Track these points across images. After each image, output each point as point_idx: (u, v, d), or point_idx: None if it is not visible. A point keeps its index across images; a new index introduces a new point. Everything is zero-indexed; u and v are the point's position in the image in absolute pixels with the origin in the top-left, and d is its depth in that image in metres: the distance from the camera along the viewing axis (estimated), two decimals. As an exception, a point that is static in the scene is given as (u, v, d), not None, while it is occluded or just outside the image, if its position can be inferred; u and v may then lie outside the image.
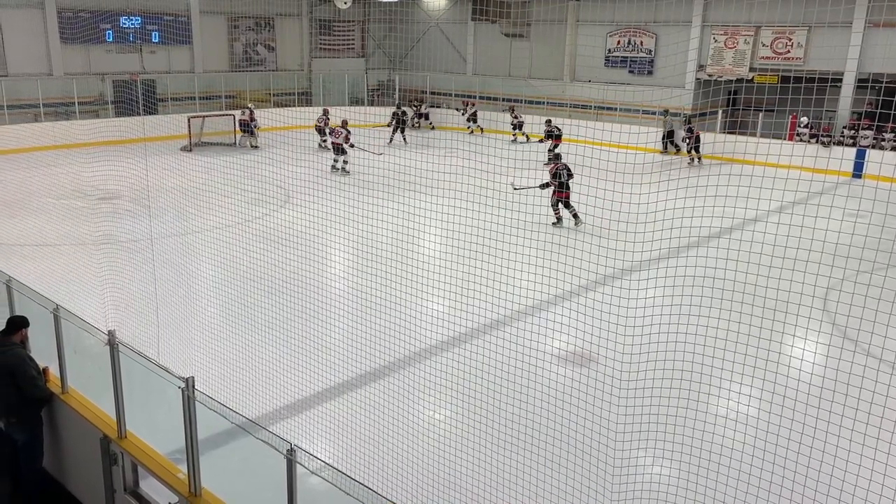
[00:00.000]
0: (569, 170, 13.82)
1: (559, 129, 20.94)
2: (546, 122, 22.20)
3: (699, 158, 21.65)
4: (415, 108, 28.17)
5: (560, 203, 13.75)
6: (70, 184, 16.15)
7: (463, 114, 26.82)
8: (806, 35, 22.48)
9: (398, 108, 26.03)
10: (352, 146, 18.93)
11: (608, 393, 6.38)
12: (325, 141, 22.06)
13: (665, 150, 24.06)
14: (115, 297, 8.57)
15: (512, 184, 13.14)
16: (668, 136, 24.04)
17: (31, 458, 6.10)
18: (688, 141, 21.95)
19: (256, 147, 22.57)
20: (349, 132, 19.32)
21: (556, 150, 16.46)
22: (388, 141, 24.03)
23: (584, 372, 7.64)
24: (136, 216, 13.49)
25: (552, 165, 14.51)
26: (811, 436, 5.52)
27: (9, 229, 13.32)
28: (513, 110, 25.98)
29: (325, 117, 22.81)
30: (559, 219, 13.70)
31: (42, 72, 23.42)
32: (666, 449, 6.16)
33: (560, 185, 13.42)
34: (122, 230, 12.62)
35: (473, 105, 27.37)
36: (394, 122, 25.02)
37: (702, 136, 21.85)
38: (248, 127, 22.83)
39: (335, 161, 19.52)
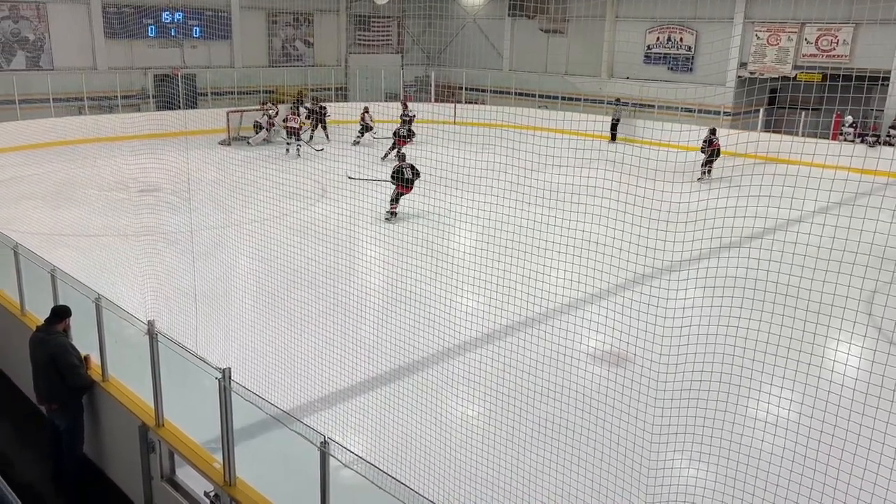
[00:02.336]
0: (414, 169, 14.42)
1: (407, 132, 20.54)
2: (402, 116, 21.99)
3: (708, 172, 19.08)
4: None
5: (400, 197, 14.53)
6: (112, 176, 16.47)
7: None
8: (852, 32, 21.91)
9: (315, 102, 24.40)
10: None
11: (644, 394, 6.30)
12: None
13: (613, 140, 24.08)
14: (154, 287, 8.71)
15: (347, 173, 14.96)
16: (614, 126, 24.42)
17: (72, 443, 6.24)
18: (704, 151, 19.28)
19: (250, 143, 22.45)
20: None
21: (402, 152, 16.00)
22: (308, 138, 22.67)
23: (620, 372, 7.55)
24: (175, 208, 13.71)
25: (397, 163, 15.05)
26: (854, 443, 5.37)
27: (53, 220, 13.64)
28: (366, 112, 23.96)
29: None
30: (393, 213, 14.48)
31: (86, 66, 23.93)
32: (703, 452, 6.05)
33: (404, 181, 14.27)
34: (162, 222, 12.83)
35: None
36: (311, 120, 23.21)
37: (721, 149, 19.06)
38: (259, 126, 22.84)
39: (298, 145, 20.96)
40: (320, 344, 7.99)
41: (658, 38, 26.39)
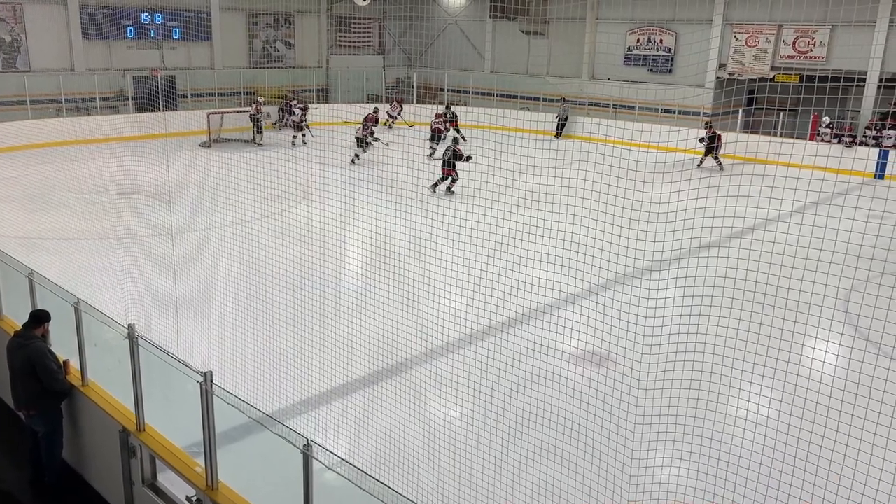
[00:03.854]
0: (457, 154, 16.58)
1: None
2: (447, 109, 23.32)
3: (720, 164, 20.70)
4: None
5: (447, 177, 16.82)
6: (91, 179, 16.30)
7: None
8: (828, 34, 22.20)
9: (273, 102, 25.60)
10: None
11: (625, 393, 6.34)
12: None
13: (558, 136, 25.11)
14: (134, 291, 8.64)
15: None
16: (561, 123, 25.50)
17: (51, 449, 6.17)
18: (704, 142, 20.72)
19: (261, 145, 22.49)
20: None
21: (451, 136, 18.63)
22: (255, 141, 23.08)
23: (601, 371, 7.60)
24: (155, 211, 13.59)
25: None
26: (832, 439, 5.46)
27: (31, 223, 13.48)
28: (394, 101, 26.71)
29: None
30: (436, 186, 16.72)
31: (64, 67, 23.66)
32: (683, 450, 6.11)
33: (445, 163, 16.70)
34: (142, 225, 12.72)
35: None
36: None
37: (722, 137, 20.69)
38: (255, 121, 22.87)
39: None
40: (303, 346, 7.97)
41: (638, 40, 26.58)
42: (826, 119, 21.88)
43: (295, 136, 22.67)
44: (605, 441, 6.21)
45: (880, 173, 20.14)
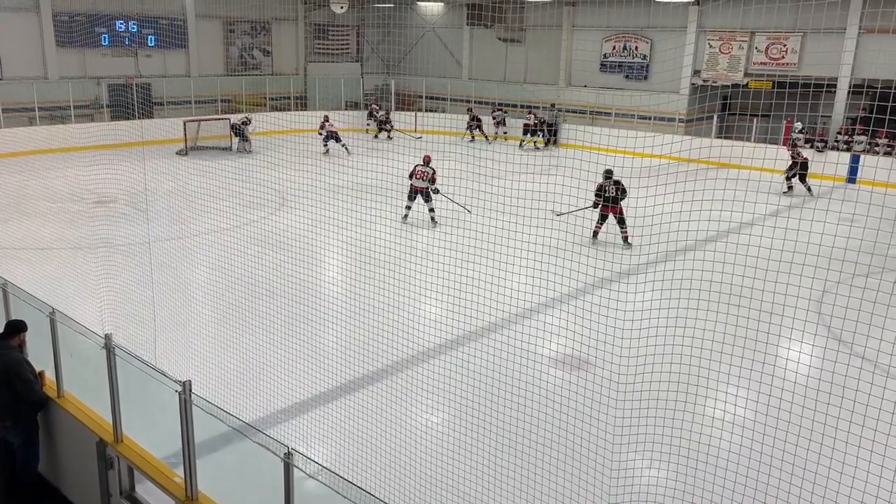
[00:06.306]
0: (619, 185, 12.45)
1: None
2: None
3: (808, 188, 17.93)
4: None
5: (605, 218, 12.62)
6: (66, 187, 16.10)
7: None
8: (800, 41, 22.58)
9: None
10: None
11: (604, 395, 6.39)
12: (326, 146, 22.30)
13: (551, 143, 25.32)
14: (111, 300, 8.55)
15: (553, 210, 10.15)
16: (549, 127, 25.81)
17: (26, 461, 6.08)
18: (795, 167, 18.28)
19: (250, 152, 22.44)
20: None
21: (609, 168, 13.27)
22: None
23: (580, 375, 7.65)
24: (132, 220, 13.46)
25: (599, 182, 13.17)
26: (807, 438, 5.54)
27: (4, 233, 13.28)
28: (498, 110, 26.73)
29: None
30: (595, 233, 12.59)
31: (37, 75, 23.38)
32: (662, 452, 6.17)
33: (607, 199, 12.32)
34: (118, 234, 12.59)
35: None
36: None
37: (808, 162, 18.33)
38: (240, 131, 22.74)
39: None
40: (282, 354, 7.93)
41: (614, 47, 26.84)
42: (798, 125, 22.22)
43: (388, 133, 23.14)
44: (585, 444, 6.25)
45: (851, 177, 20.49)
